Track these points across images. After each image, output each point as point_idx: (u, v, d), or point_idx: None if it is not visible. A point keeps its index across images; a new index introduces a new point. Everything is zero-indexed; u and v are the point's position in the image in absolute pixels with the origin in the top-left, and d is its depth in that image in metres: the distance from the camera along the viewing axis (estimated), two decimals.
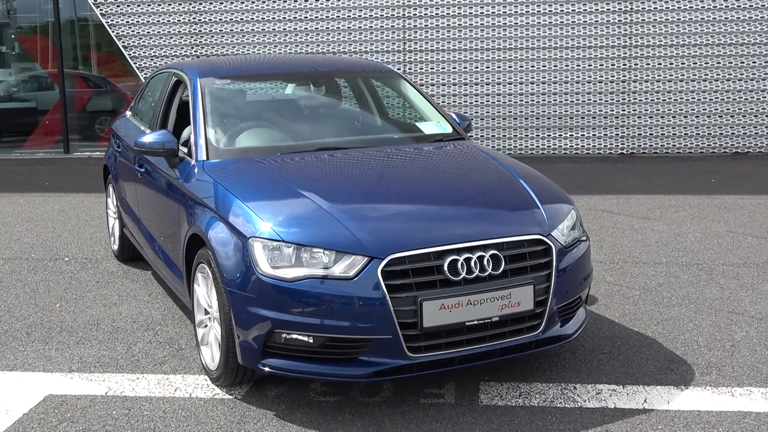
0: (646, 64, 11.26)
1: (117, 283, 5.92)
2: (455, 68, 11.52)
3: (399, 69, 11.51)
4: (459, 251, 3.65)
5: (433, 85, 11.58)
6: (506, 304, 3.68)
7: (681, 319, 4.94)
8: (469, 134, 5.29)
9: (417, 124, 5.19)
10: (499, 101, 11.53)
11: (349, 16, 11.59)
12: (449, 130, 5.16)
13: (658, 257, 6.32)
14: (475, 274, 3.64)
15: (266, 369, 3.68)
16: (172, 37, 11.84)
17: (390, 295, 3.52)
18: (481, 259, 3.67)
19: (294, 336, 3.60)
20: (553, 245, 3.86)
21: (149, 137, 4.71)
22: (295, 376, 3.69)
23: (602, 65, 11.32)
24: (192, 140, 4.66)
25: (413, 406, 3.84)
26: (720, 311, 5.06)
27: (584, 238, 4.20)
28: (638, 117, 11.40)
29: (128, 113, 6.58)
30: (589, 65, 11.33)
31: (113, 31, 11.89)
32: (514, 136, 11.60)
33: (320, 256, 3.61)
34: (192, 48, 11.81)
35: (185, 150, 4.71)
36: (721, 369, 4.19)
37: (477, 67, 11.49)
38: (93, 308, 5.38)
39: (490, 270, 3.67)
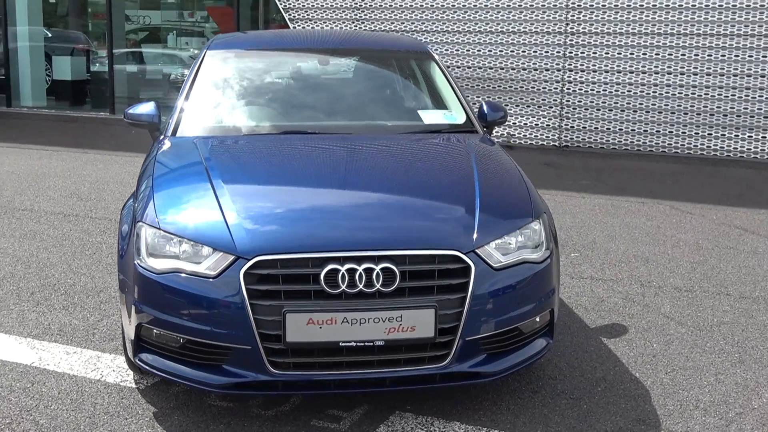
0: None
1: None
2: (620, 54, 10.43)
3: (560, 52, 10.66)
4: (343, 260, 3.16)
5: (595, 71, 10.57)
6: (395, 327, 3.14)
7: (706, 370, 4.02)
8: (499, 127, 4.64)
9: (420, 111, 4.62)
10: (667, 93, 10.29)
11: None
12: (460, 121, 4.55)
13: (750, 291, 5.24)
14: (358, 289, 3.13)
15: (140, 364, 3.44)
16: (334, 11, 11.82)
17: (250, 302, 3.12)
18: (369, 272, 3.15)
19: (165, 332, 3.33)
20: (473, 265, 3.23)
21: (138, 108, 4.63)
22: (162, 376, 3.40)
23: None
24: (171, 114, 4.51)
25: (298, 427, 3.41)
26: (767, 367, 4.06)
27: (537, 258, 3.48)
28: None
29: None
30: None
31: (281, 4, 12.10)
32: (683, 133, 10.31)
33: (195, 250, 3.29)
34: (353, 22, 11.72)
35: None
36: None
37: (645, 54, 10.32)
38: (114, 275, 5.42)
39: (378, 286, 3.14)
